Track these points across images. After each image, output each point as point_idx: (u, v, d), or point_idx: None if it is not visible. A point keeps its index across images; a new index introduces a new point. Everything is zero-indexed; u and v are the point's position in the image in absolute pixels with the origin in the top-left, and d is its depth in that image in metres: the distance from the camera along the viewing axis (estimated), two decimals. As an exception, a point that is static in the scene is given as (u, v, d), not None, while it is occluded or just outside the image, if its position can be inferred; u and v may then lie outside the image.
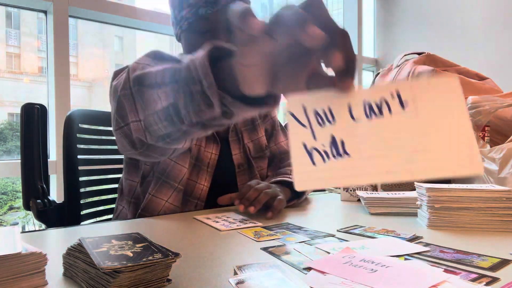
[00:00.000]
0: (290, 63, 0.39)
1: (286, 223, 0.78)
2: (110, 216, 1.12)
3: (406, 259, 0.54)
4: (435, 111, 0.34)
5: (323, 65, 0.39)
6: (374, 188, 1.03)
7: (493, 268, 0.50)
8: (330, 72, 0.37)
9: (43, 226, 1.00)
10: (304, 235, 0.67)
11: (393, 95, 0.35)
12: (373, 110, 0.35)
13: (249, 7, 0.36)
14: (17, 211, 2.26)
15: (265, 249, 0.59)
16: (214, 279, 0.47)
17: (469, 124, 0.33)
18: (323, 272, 0.47)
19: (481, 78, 1.37)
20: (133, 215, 0.96)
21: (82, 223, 1.06)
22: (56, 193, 1.62)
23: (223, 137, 1.02)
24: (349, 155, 0.34)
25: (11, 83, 2.21)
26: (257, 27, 0.35)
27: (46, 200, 0.97)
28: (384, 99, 0.35)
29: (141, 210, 0.92)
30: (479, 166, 0.32)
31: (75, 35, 2.19)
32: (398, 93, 0.35)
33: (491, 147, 1.03)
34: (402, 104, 0.34)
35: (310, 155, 0.35)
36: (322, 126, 0.36)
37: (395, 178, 0.34)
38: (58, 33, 1.71)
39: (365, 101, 0.35)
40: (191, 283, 0.46)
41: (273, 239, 0.65)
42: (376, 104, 0.35)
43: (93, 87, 2.68)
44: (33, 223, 2.19)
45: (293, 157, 0.35)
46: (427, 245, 0.61)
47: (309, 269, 0.49)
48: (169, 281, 0.45)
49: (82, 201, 1.07)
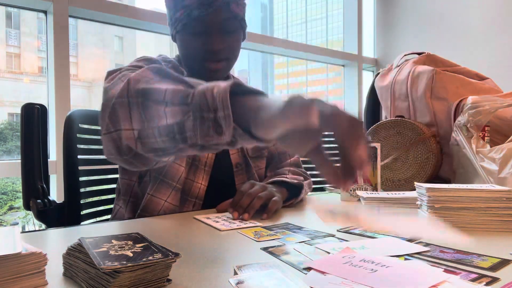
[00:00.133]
0: (303, 133, 0.44)
1: (286, 223, 0.78)
2: (110, 216, 1.12)
3: (406, 259, 0.54)
4: None
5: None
6: (374, 188, 1.03)
7: (493, 268, 0.50)
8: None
9: (43, 226, 1.00)
10: (304, 235, 0.67)
11: None
12: None
13: (318, 99, 0.44)
14: (17, 211, 2.26)
15: (265, 249, 0.59)
16: (214, 279, 0.47)
17: None
18: (323, 272, 0.47)
19: (481, 78, 1.37)
20: (131, 215, 0.96)
21: (82, 223, 1.06)
22: (56, 193, 1.62)
23: None
24: None
25: (11, 83, 2.21)
26: (315, 121, 0.41)
27: (46, 200, 0.97)
28: None
29: (141, 211, 0.92)
30: None
31: (75, 35, 2.19)
32: None
33: (491, 147, 1.03)
34: None
35: None
36: None
37: None
38: (58, 33, 1.71)
39: None
40: (191, 283, 0.46)
41: (273, 239, 0.65)
42: None
43: (93, 87, 2.68)
44: (33, 223, 2.19)
45: None
46: (427, 245, 0.61)
47: (309, 269, 0.49)
48: (169, 281, 0.45)
49: (82, 201, 1.07)
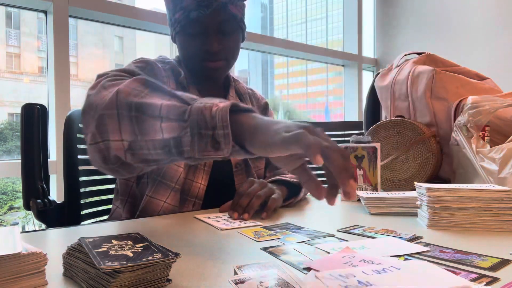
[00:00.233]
0: (293, 154, 0.51)
1: (286, 223, 0.78)
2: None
3: (406, 259, 0.54)
4: None
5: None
6: (374, 188, 1.03)
7: (493, 268, 0.50)
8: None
9: (43, 226, 1.00)
10: (304, 235, 0.67)
11: None
12: None
13: (311, 127, 0.50)
14: (17, 211, 2.26)
15: (265, 249, 0.59)
16: (214, 279, 0.47)
17: None
18: (323, 272, 0.47)
19: (481, 78, 1.37)
20: (129, 215, 0.96)
21: (82, 223, 1.06)
22: (56, 193, 1.62)
23: None
24: None
25: (11, 83, 2.21)
26: (308, 151, 0.46)
27: (46, 200, 0.97)
28: None
29: (140, 212, 0.92)
30: None
31: (75, 35, 2.19)
32: None
33: (491, 147, 1.03)
34: None
35: None
36: None
37: None
38: (58, 33, 1.71)
39: None
40: (191, 283, 0.46)
41: (273, 239, 0.65)
42: None
43: (93, 87, 2.67)
44: (33, 223, 2.19)
45: None
46: (427, 245, 0.61)
47: (309, 269, 0.49)
48: (169, 281, 0.45)
49: (82, 201, 1.07)
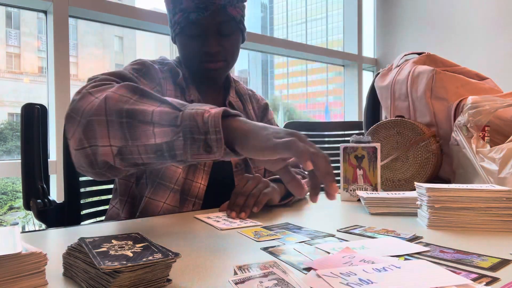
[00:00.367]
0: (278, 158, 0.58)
1: (286, 223, 0.78)
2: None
3: (406, 259, 0.54)
4: None
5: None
6: (374, 188, 1.03)
7: (493, 268, 0.50)
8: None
9: (43, 226, 1.00)
10: (304, 235, 0.67)
11: None
12: None
13: (298, 134, 0.58)
14: (17, 211, 2.26)
15: (265, 249, 0.59)
16: (214, 279, 0.47)
17: None
18: (323, 272, 0.47)
19: (481, 78, 1.37)
20: (128, 215, 0.96)
21: (82, 223, 1.06)
22: (56, 193, 1.62)
23: None
24: None
25: (11, 83, 2.20)
26: (296, 157, 0.56)
27: (46, 200, 0.97)
28: None
29: (140, 213, 0.92)
30: None
31: (75, 35, 2.19)
32: None
33: (491, 147, 1.03)
34: None
35: None
36: None
37: None
38: (58, 33, 1.71)
39: None
40: (191, 283, 0.46)
41: (273, 239, 0.65)
42: None
43: (93, 87, 2.66)
44: (33, 223, 2.19)
45: None
46: (427, 245, 0.61)
47: (309, 269, 0.49)
48: (169, 281, 0.45)
49: (82, 201, 1.07)
